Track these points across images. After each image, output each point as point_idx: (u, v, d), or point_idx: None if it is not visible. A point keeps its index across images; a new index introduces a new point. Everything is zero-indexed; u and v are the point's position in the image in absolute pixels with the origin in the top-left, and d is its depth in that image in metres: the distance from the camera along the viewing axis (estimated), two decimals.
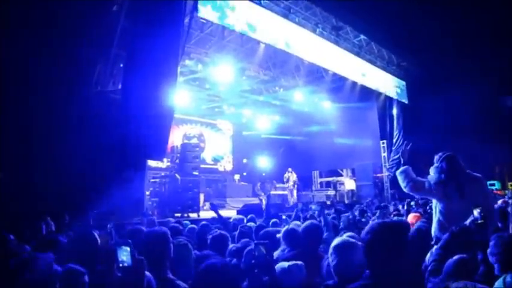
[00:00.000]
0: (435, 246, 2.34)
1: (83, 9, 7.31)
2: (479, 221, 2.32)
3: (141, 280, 1.82)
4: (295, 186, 15.49)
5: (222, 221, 4.56)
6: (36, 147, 6.48)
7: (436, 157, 3.36)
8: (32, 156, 6.39)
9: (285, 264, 2.32)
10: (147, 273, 1.91)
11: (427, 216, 4.12)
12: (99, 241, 2.88)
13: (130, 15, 8.07)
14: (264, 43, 10.73)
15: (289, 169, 15.62)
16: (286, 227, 3.56)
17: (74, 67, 7.47)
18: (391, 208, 7.81)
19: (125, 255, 1.81)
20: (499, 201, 5.66)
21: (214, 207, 4.94)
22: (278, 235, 3.59)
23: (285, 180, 15.44)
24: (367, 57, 14.11)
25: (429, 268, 2.08)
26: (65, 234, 3.58)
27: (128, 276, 1.80)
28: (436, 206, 3.25)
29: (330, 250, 2.12)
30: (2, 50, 6.16)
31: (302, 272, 2.30)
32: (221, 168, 19.01)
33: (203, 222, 4.81)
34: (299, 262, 2.34)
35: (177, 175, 9.75)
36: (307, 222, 3.31)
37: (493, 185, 14.01)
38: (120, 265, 1.80)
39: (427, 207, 6.60)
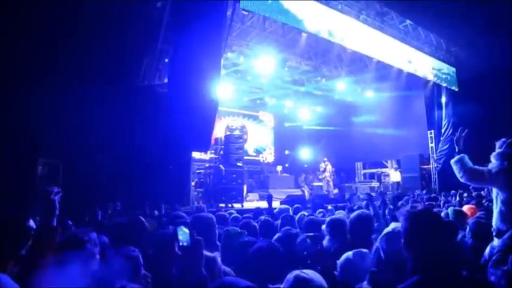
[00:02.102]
0: (496, 239, 2.23)
1: (129, 7, 7.57)
2: None
3: (200, 258, 1.94)
4: (332, 177, 15.26)
5: (271, 211, 4.63)
6: (89, 139, 6.84)
7: (498, 143, 3.16)
8: (86, 147, 6.74)
9: (350, 253, 2.29)
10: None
11: (483, 209, 3.93)
12: (147, 225, 3.07)
13: (174, 10, 8.27)
14: (306, 32, 10.59)
15: (325, 159, 15.38)
16: (331, 217, 3.54)
17: (122, 62, 7.78)
18: (442, 200, 7.51)
19: (184, 235, 1.93)
20: None
21: (269, 198, 5.03)
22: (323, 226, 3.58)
23: (320, 170, 15.20)
24: (413, 43, 13.52)
25: (493, 258, 1.99)
26: (116, 220, 3.78)
27: (188, 254, 1.92)
28: (497, 196, 3.06)
29: (382, 238, 2.09)
30: (57, 45, 6.49)
31: (366, 260, 2.27)
32: (263, 160, 19.11)
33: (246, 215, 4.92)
34: (363, 250, 2.30)
35: (221, 166, 9.94)
36: (358, 211, 3.25)
37: None
38: (180, 244, 1.92)
39: (483, 200, 6.30)
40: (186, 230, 1.94)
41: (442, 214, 4.41)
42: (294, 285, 1.51)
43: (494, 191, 3.11)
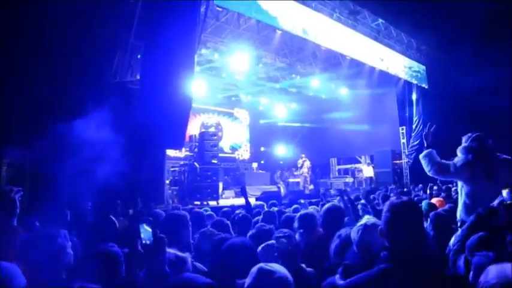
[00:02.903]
0: (459, 230, 2.31)
1: (101, 1, 7.38)
2: (509, 202, 2.25)
3: (163, 256, 1.90)
4: (309, 173, 15.45)
5: (247, 207, 4.63)
6: (59, 138, 6.64)
7: (464, 138, 3.27)
8: (54, 146, 6.54)
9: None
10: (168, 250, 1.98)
11: (452, 202, 4.07)
12: (117, 224, 3.03)
13: (147, 5, 8.11)
14: (280, 30, 10.63)
15: (303, 155, 15.57)
16: (302, 211, 3.56)
17: (93, 58, 7.57)
18: (412, 194, 7.73)
19: (146, 233, 1.90)
20: None
21: (244, 192, 5.01)
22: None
23: (298, 166, 15.38)
24: (385, 42, 13.82)
25: (453, 247, 2.05)
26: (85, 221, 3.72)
27: (150, 252, 1.89)
28: (461, 188, 3.18)
29: (355, 230, 2.11)
30: (23, 41, 6.27)
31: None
32: (239, 157, 19.10)
33: (225, 209, 4.92)
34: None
35: (196, 164, 9.87)
36: (328, 204, 3.30)
37: None
38: (143, 242, 1.88)
39: (452, 192, 6.52)
40: (149, 228, 1.91)
41: None
42: (257, 277, 1.52)
43: (459, 184, 3.22)
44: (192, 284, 1.43)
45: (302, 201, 6.65)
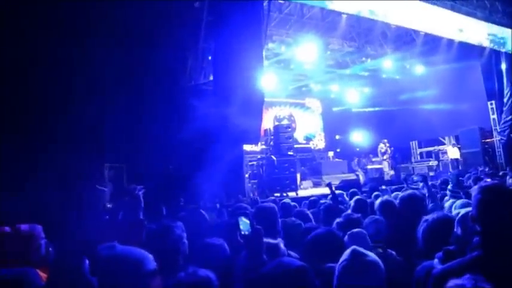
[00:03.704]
0: None
1: (168, 10, 7.83)
2: None
3: (261, 245, 2.07)
4: (389, 158, 14.87)
5: (335, 198, 4.68)
6: (146, 141, 7.23)
7: None
8: (144, 149, 7.15)
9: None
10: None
11: None
12: (207, 217, 3.27)
13: (212, 8, 8.45)
14: (346, 14, 10.34)
15: (385, 140, 14.96)
16: (380, 198, 3.51)
17: (168, 65, 8.09)
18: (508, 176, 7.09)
19: (245, 225, 2.06)
20: None
21: (330, 185, 5.12)
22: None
23: (382, 152, 14.82)
24: (463, 10, 12.61)
25: None
26: (179, 214, 4.03)
27: (249, 242, 2.07)
28: None
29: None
30: (105, 55, 6.87)
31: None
32: (314, 147, 19.01)
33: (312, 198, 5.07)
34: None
35: (273, 156, 10.07)
36: (405, 192, 3.23)
37: None
38: (242, 233, 2.06)
39: None
40: (247, 220, 2.08)
41: None
42: (351, 257, 1.61)
43: None
44: (289, 267, 1.55)
45: (384, 187, 6.48)
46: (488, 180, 5.96)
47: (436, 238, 2.12)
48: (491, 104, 14.29)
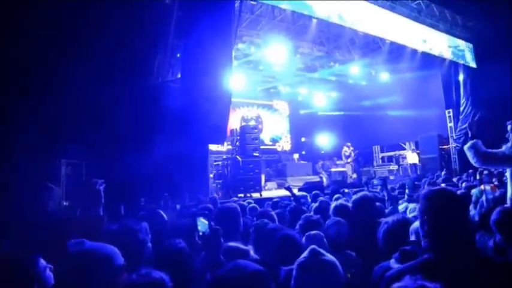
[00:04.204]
0: None
1: (138, 5, 7.65)
2: None
3: (219, 246, 2.07)
4: (353, 161, 15.25)
5: (297, 200, 4.73)
6: (108, 139, 7.02)
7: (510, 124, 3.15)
8: (104, 147, 6.93)
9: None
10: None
11: (505, 187, 3.93)
12: (165, 218, 3.21)
13: (183, 5, 8.33)
14: (316, 18, 10.49)
15: (348, 144, 15.32)
16: (335, 202, 3.59)
17: (136, 61, 7.89)
18: (462, 180, 7.44)
19: (203, 225, 2.06)
20: None
21: (289, 188, 5.17)
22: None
23: (346, 155, 15.15)
24: (427, 21, 13.15)
25: None
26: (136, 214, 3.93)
27: (207, 243, 2.07)
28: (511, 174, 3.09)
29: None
30: (69, 47, 6.62)
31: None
32: (280, 149, 19.18)
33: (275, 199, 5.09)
34: None
35: (238, 157, 10.05)
36: (358, 194, 3.32)
37: None
38: (200, 234, 2.05)
39: (504, 178, 6.22)
40: (205, 221, 2.07)
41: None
42: (309, 256, 1.66)
43: (509, 171, 3.11)
44: (245, 270, 1.54)
45: (346, 190, 6.62)
46: (443, 185, 6.24)
47: (396, 239, 2.19)
48: (449, 112, 15.00)
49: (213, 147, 12.19)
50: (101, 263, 1.54)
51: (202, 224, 2.10)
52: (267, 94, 18.51)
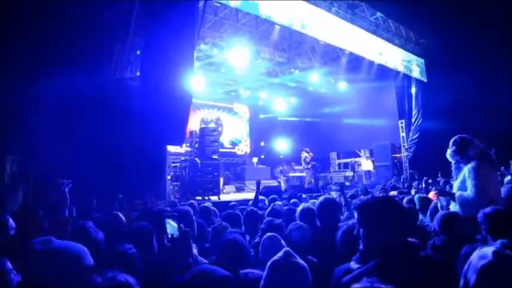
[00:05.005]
0: None
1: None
2: None
3: (189, 248, 2.04)
4: (312, 167, 15.49)
5: (256, 201, 4.70)
6: (59, 135, 6.67)
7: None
8: (55, 144, 6.58)
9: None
10: None
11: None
12: (124, 220, 3.09)
13: (145, 1, 8.11)
14: (279, 25, 10.63)
15: (307, 149, 15.54)
16: (302, 205, 3.62)
17: (92, 54, 7.58)
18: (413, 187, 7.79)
19: (172, 228, 2.02)
20: None
21: (258, 185, 5.12)
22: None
23: (306, 161, 15.31)
24: (384, 36, 13.81)
25: None
26: (92, 216, 3.76)
27: (177, 245, 2.02)
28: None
29: None
30: (20, 43, 6.28)
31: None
32: (239, 152, 19.16)
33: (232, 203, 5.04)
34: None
35: (196, 159, 9.91)
36: (322, 197, 3.37)
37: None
38: (169, 236, 2.01)
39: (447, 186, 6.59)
40: (174, 223, 2.01)
41: (405, 200, 4.64)
42: (284, 257, 1.70)
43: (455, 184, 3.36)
44: (212, 275, 1.51)
45: (304, 195, 6.71)
46: (393, 192, 6.49)
47: (354, 243, 2.23)
48: (402, 122, 15.75)
49: (171, 148, 11.94)
50: (69, 262, 1.50)
51: (171, 226, 2.04)
52: (227, 97, 18.46)
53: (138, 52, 8.84)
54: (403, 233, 1.76)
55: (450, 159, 3.62)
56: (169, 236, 2.03)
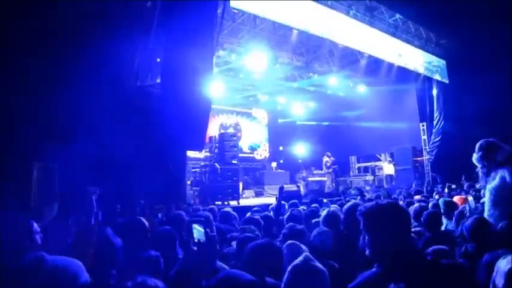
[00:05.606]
0: None
1: (119, 7, 7.54)
2: None
3: (215, 253, 2.09)
4: (333, 171, 15.37)
5: (278, 207, 4.71)
6: (84, 143, 6.84)
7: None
8: (80, 151, 6.74)
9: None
10: None
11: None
12: (147, 225, 3.14)
13: (164, 9, 8.27)
14: (296, 29, 10.64)
15: (329, 153, 15.36)
16: (327, 209, 3.59)
17: (114, 63, 7.75)
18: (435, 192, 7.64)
19: (198, 232, 2.04)
20: None
21: (281, 190, 5.12)
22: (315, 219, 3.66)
23: (327, 165, 15.16)
24: (403, 37, 13.62)
25: None
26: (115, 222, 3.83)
27: (204, 250, 2.03)
28: None
29: None
30: (47, 48, 6.46)
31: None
32: (258, 157, 19.19)
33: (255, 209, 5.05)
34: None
35: (216, 164, 9.99)
36: (349, 203, 3.34)
37: None
38: (196, 241, 2.03)
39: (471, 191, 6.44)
40: (201, 228, 2.04)
41: (430, 205, 4.55)
42: (304, 261, 1.73)
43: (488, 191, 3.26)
44: (238, 281, 1.53)
45: (325, 200, 6.67)
46: (418, 197, 6.37)
47: None
48: (423, 125, 15.46)
49: (190, 153, 12.05)
50: (65, 280, 1.44)
51: (198, 231, 2.06)
52: (246, 102, 18.53)
53: (158, 60, 8.99)
54: (408, 238, 1.75)
55: (477, 164, 3.52)
56: (196, 240, 2.05)
